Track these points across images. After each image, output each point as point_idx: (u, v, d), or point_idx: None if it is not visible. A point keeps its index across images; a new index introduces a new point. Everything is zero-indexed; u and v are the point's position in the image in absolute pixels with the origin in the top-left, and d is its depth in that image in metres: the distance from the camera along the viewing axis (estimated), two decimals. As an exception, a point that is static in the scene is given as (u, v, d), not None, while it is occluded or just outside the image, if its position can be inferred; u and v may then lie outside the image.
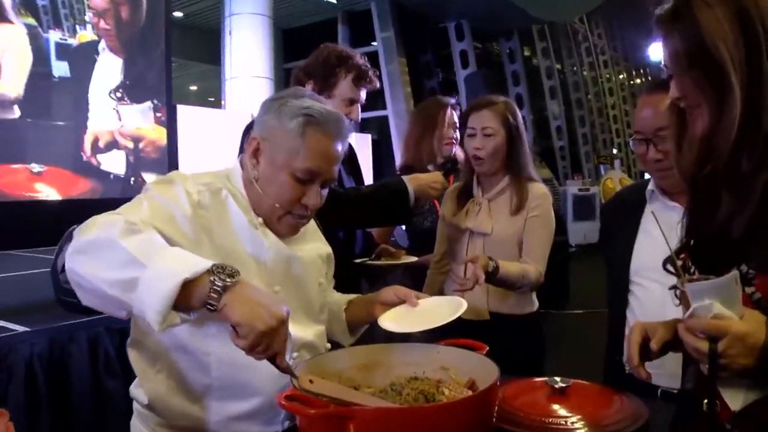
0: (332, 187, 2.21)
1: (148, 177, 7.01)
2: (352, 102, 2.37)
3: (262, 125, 1.52)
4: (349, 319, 1.75)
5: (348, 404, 1.08)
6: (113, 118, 6.98)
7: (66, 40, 6.51)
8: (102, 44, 6.92)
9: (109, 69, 6.94)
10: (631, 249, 1.80)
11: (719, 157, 1.09)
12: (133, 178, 7.01)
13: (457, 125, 3.05)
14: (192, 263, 1.15)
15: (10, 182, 5.88)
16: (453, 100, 3.19)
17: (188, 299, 1.14)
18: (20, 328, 2.73)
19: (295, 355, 1.49)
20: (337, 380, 1.30)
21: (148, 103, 7.29)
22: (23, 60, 6.17)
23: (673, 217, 1.68)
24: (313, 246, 1.67)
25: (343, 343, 1.73)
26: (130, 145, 7.21)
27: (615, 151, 23.36)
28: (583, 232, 11.86)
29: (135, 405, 1.56)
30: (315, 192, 1.51)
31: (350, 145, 2.65)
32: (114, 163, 6.91)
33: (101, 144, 6.77)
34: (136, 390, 1.54)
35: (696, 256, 1.18)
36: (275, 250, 1.51)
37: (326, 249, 1.72)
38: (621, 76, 26.87)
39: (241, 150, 1.60)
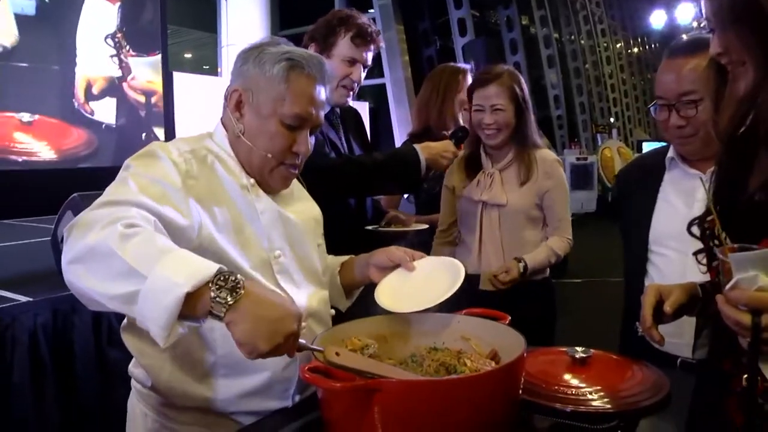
0: (346, 154, 2.18)
1: (160, 132, 6.83)
2: (353, 62, 2.33)
3: (241, 76, 1.48)
4: (343, 282, 1.70)
5: (374, 377, 1.05)
6: (110, 64, 6.71)
7: None
8: None
9: (100, 13, 6.62)
10: (650, 217, 1.78)
11: (762, 117, 1.05)
12: (144, 134, 6.80)
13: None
14: (193, 270, 1.06)
15: (-3, 132, 5.62)
16: (467, 66, 3.17)
17: (191, 310, 1.06)
18: (23, 298, 2.72)
19: (303, 324, 1.45)
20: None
21: (159, 57, 7.05)
22: (5, 2, 5.88)
23: (693, 185, 1.66)
24: (304, 206, 1.63)
25: (340, 307, 1.69)
26: (142, 99, 6.98)
27: (612, 120, 23.29)
28: (581, 202, 11.82)
29: (134, 383, 1.52)
30: (304, 138, 1.48)
31: (356, 110, 2.62)
32: (106, 112, 6.64)
33: (95, 90, 6.51)
34: (135, 369, 1.49)
35: (726, 222, 1.15)
36: (269, 213, 1.47)
37: (317, 209, 1.68)
38: (618, 45, 26.69)
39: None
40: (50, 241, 3.14)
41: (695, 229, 1.27)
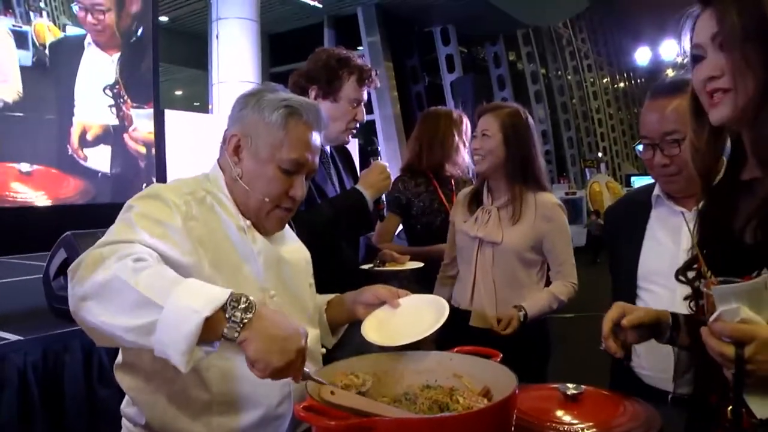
0: (301, 210, 2.19)
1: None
2: (358, 103, 2.37)
3: (240, 121, 1.50)
4: (329, 319, 1.71)
5: (369, 415, 1.06)
6: (108, 113, 6.79)
7: (21, 27, 6.32)
8: (88, 39, 6.73)
9: (98, 64, 6.75)
10: (638, 254, 1.80)
11: (758, 140, 1.08)
12: (144, 184, 6.87)
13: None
14: (209, 297, 1.09)
15: (-5, 182, 5.70)
16: (459, 111, 3.25)
17: (208, 335, 1.08)
18: (13, 337, 2.69)
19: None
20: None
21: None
22: (12, 56, 6.01)
23: (679, 222, 1.69)
24: (295, 247, 1.65)
25: (326, 344, 1.69)
26: (143, 150, 7.07)
27: (600, 154, 23.50)
28: (571, 236, 11.89)
29: (125, 423, 1.49)
30: (300, 183, 1.51)
31: (346, 148, 2.65)
32: (100, 159, 6.71)
33: (89, 137, 6.58)
34: (127, 409, 1.48)
35: (712, 263, 1.17)
36: (265, 254, 1.49)
37: (306, 251, 1.70)
38: (605, 80, 27.08)
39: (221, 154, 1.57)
40: (42, 279, 3.12)
41: (683, 277, 1.30)
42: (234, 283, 1.37)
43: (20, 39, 6.19)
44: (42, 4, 6.42)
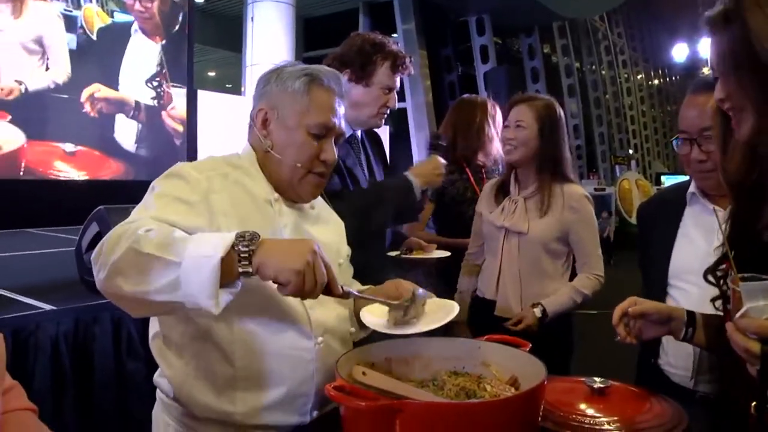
0: (342, 190, 2.21)
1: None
2: (390, 89, 2.36)
3: (265, 96, 1.56)
4: (356, 311, 1.70)
5: (398, 397, 1.08)
6: (151, 98, 6.93)
7: (71, 11, 6.44)
8: (135, 26, 6.89)
9: (144, 51, 6.90)
10: (670, 251, 1.79)
11: (763, 163, 1.09)
12: (180, 162, 7.02)
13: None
14: (217, 241, 1.18)
15: (41, 160, 5.86)
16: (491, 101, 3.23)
17: (227, 275, 1.17)
18: (47, 307, 2.75)
19: (320, 339, 1.48)
20: (376, 371, 1.30)
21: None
22: (62, 39, 6.15)
23: (713, 220, 1.68)
24: (328, 228, 1.69)
25: (354, 338, 1.69)
26: (180, 128, 7.19)
27: (631, 151, 23.23)
28: (598, 228, 11.80)
29: (159, 394, 1.55)
30: (330, 147, 1.56)
31: (377, 134, 2.65)
32: (140, 140, 6.85)
33: (132, 119, 6.73)
34: (160, 379, 1.53)
35: (742, 265, 1.17)
36: (291, 226, 1.53)
37: (340, 232, 1.75)
38: (639, 77, 26.71)
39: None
40: (74, 252, 3.18)
41: (711, 277, 1.30)
42: None
43: (70, 23, 6.35)
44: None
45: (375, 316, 1.51)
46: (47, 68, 6.07)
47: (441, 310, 1.49)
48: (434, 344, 1.42)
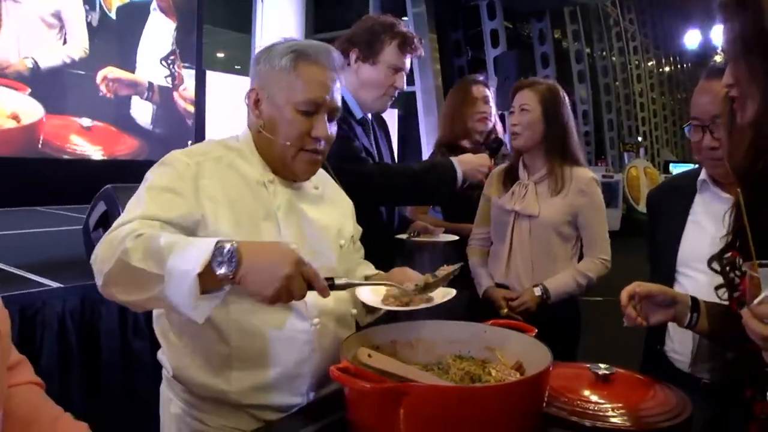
0: (385, 162, 2.22)
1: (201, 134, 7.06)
2: (397, 70, 2.35)
3: (255, 76, 1.56)
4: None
5: (403, 380, 1.08)
6: (165, 77, 6.97)
7: None
8: (154, 4, 6.92)
9: (161, 29, 6.93)
10: (679, 238, 1.78)
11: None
12: (190, 141, 7.04)
13: (490, 101, 3.07)
14: (197, 255, 1.17)
15: (57, 134, 5.91)
16: (481, 77, 3.22)
17: (210, 284, 1.18)
18: (54, 284, 2.77)
19: (316, 321, 1.49)
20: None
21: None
22: (81, 15, 6.18)
23: (724, 208, 1.67)
24: (332, 209, 1.67)
25: (359, 321, 1.70)
26: (191, 108, 7.23)
27: (640, 139, 23.10)
28: (607, 220, 11.77)
29: (164, 372, 1.58)
30: (322, 123, 1.53)
31: (383, 118, 2.65)
32: (157, 120, 6.92)
33: (148, 99, 6.79)
34: (162, 356, 1.56)
35: (746, 252, 1.16)
36: (285, 207, 1.52)
37: (345, 214, 1.73)
38: (650, 64, 26.48)
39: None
40: (82, 230, 3.19)
41: (715, 265, 1.29)
42: (252, 237, 1.43)
43: (89, 0, 6.38)
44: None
45: (371, 293, 1.51)
46: (65, 42, 6.10)
47: (439, 293, 1.49)
48: (439, 328, 1.42)
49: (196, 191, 1.41)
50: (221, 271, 1.17)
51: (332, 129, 1.57)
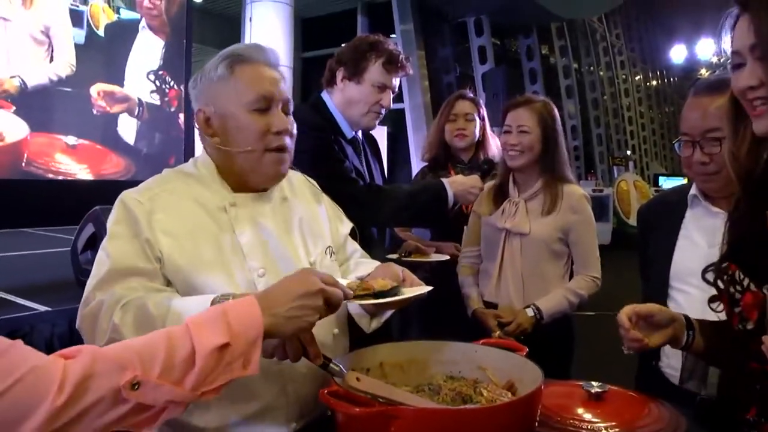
0: (375, 184, 2.19)
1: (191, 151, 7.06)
2: (383, 88, 2.33)
3: (197, 98, 1.51)
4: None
5: (393, 403, 1.07)
6: (153, 95, 7.00)
7: (78, 7, 6.49)
8: (143, 22, 6.95)
9: (150, 48, 6.95)
10: (671, 253, 1.78)
11: None
12: (178, 159, 7.04)
13: (474, 117, 3.05)
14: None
15: (42, 152, 5.89)
16: (469, 93, 3.18)
17: None
18: (42, 308, 2.75)
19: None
20: (371, 376, 1.29)
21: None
22: (68, 32, 6.20)
23: (715, 223, 1.67)
24: (302, 223, 1.60)
25: (363, 327, 1.60)
26: (181, 125, 7.24)
27: (629, 152, 23.25)
28: (598, 234, 11.81)
29: None
30: (278, 117, 1.47)
31: (374, 136, 2.64)
32: (144, 138, 6.91)
33: (137, 118, 6.80)
34: None
35: (746, 265, 1.16)
36: (249, 232, 1.47)
37: (325, 218, 1.68)
38: (637, 78, 26.72)
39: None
40: (70, 252, 3.17)
41: (710, 275, 1.28)
42: (217, 267, 1.40)
43: (76, 18, 6.40)
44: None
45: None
46: (51, 60, 6.11)
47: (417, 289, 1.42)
48: (430, 348, 1.41)
49: (151, 229, 1.37)
50: None
51: (289, 123, 1.51)
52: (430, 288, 1.40)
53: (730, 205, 1.29)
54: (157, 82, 7.07)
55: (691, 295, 1.70)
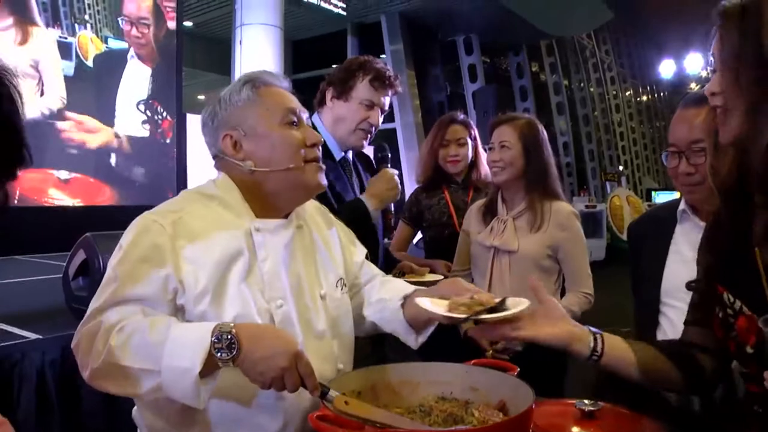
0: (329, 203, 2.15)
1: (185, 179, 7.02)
2: (372, 106, 2.33)
3: (220, 126, 1.50)
4: (409, 317, 1.56)
5: (383, 426, 1.06)
6: (145, 125, 7.00)
7: (66, 38, 6.51)
8: (131, 52, 6.96)
9: (139, 77, 6.96)
10: (661, 269, 1.79)
11: (751, 163, 1.08)
12: (171, 193, 7.07)
13: (467, 141, 3.05)
14: (193, 349, 1.16)
15: (35, 188, 5.86)
16: (461, 116, 3.14)
17: (210, 370, 1.18)
18: (32, 336, 2.72)
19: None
20: (362, 399, 1.28)
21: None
22: (57, 65, 6.20)
23: None
24: (316, 252, 1.58)
25: (410, 344, 1.59)
26: (173, 152, 7.24)
27: (621, 168, 23.34)
28: (590, 250, 11.80)
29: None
30: (309, 130, 1.52)
31: (368, 155, 2.64)
32: (138, 169, 6.89)
33: (130, 149, 6.77)
34: (137, 416, 1.48)
35: (732, 286, 1.16)
36: (272, 260, 1.44)
37: (338, 245, 1.66)
38: (627, 93, 26.90)
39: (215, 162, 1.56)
40: (61, 279, 3.15)
41: (694, 296, 1.29)
42: (235, 296, 1.37)
43: (64, 50, 6.41)
44: (87, 17, 6.60)
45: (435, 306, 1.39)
46: (42, 94, 6.10)
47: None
48: (421, 369, 1.40)
49: (174, 255, 1.33)
50: (220, 356, 1.15)
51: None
52: (528, 303, 1.38)
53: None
54: (148, 112, 7.07)
55: (681, 310, 1.69)
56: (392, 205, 2.37)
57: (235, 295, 1.37)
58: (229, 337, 1.16)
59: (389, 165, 2.41)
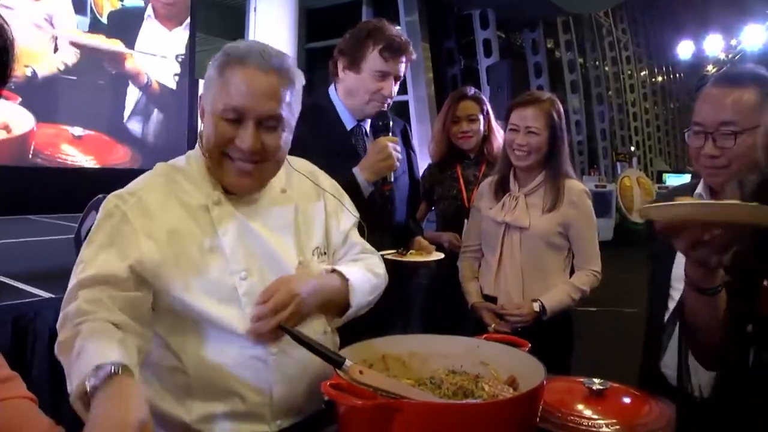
0: None
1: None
2: (384, 75, 2.27)
3: (203, 94, 1.49)
4: None
5: (396, 397, 1.07)
6: (162, 82, 6.96)
7: None
8: (149, 11, 6.89)
9: (157, 37, 6.91)
10: (673, 253, 1.77)
11: None
12: (181, 151, 7.11)
13: (479, 116, 3.03)
14: (77, 376, 1.10)
15: (49, 143, 5.87)
16: (471, 91, 3.13)
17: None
18: (46, 294, 2.76)
19: (274, 350, 1.43)
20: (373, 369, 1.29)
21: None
22: (72, 21, 6.15)
23: None
24: (297, 220, 1.57)
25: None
26: (185, 116, 7.23)
27: (633, 148, 23.16)
28: (598, 230, 11.78)
29: None
30: (247, 132, 1.40)
31: (405, 124, 2.60)
32: (151, 129, 6.88)
33: (143, 107, 6.76)
34: None
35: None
36: (232, 232, 1.44)
37: (323, 215, 1.63)
38: (643, 73, 26.60)
39: None
40: (74, 239, 3.18)
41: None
42: (199, 271, 1.40)
43: (79, 6, 6.35)
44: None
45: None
46: (56, 49, 6.07)
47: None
48: (432, 342, 1.41)
49: (134, 235, 1.37)
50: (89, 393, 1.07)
51: (271, 140, 1.44)
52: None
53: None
54: (172, 76, 7.03)
55: None
56: (391, 175, 2.26)
57: (193, 269, 1.40)
58: (93, 383, 1.08)
59: (390, 134, 2.30)
